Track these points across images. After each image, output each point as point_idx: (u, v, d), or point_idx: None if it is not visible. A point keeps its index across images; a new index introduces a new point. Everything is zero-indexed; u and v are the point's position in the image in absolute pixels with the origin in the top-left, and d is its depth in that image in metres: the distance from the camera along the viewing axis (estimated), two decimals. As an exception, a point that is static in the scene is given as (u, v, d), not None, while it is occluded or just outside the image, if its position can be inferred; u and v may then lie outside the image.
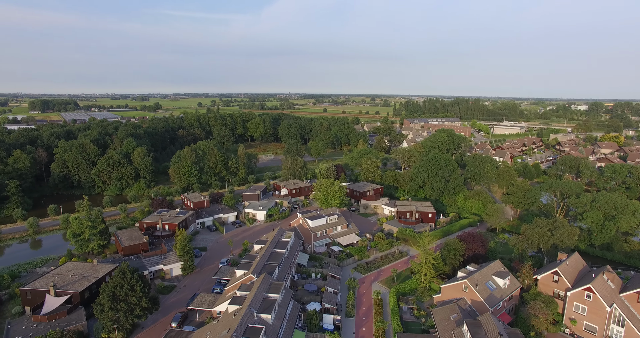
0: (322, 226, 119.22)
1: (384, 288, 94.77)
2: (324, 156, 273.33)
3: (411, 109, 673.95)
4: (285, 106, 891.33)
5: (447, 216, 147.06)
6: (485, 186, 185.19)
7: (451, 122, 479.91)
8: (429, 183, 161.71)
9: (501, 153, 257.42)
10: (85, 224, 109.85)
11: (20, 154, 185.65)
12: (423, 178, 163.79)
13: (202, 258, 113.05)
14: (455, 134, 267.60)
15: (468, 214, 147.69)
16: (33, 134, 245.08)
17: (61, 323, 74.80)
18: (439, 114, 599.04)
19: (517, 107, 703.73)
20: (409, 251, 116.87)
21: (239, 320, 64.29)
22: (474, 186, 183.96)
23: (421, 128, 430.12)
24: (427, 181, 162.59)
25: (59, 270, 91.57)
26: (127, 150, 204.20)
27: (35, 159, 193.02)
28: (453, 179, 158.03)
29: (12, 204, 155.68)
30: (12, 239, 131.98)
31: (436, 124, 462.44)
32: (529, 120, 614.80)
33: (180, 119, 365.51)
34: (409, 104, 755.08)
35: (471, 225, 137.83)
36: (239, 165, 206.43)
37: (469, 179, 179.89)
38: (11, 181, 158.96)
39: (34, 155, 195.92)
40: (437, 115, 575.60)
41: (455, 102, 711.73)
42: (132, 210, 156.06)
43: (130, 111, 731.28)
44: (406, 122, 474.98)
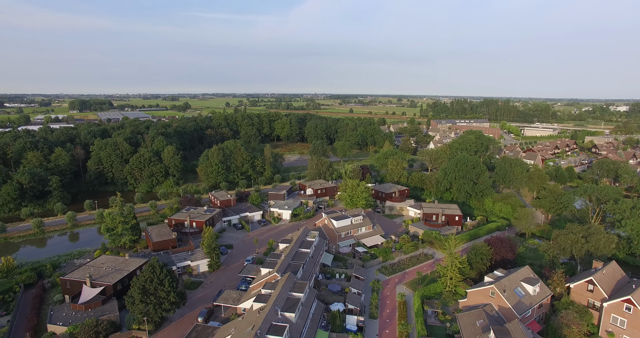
0: (346, 227, 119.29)
1: (409, 290, 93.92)
2: (349, 157, 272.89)
3: (438, 110, 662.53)
4: (312, 106, 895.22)
5: (474, 219, 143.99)
6: (514, 190, 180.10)
7: (479, 124, 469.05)
8: (455, 186, 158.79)
9: (532, 155, 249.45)
10: (118, 219, 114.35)
11: (61, 151, 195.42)
12: (450, 180, 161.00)
13: (228, 255, 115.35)
14: (484, 136, 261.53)
15: (496, 218, 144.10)
16: (72, 133, 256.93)
17: (96, 313, 78.53)
18: (467, 115, 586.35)
19: (549, 108, 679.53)
20: (434, 254, 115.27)
21: (263, 317, 65.34)
22: (503, 189, 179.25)
23: (448, 129, 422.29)
24: (454, 184, 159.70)
25: (94, 263, 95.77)
26: (157, 149, 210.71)
27: (73, 157, 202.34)
28: (481, 182, 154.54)
29: (53, 199, 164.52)
30: (53, 231, 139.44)
31: (464, 125, 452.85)
32: (563, 122, 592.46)
33: (208, 118, 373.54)
34: (436, 105, 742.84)
35: (499, 229, 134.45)
36: (265, 164, 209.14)
37: (497, 182, 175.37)
38: (53, 177, 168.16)
39: (73, 152, 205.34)
40: (465, 116, 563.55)
41: (484, 103, 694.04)
42: (162, 207, 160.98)
43: (161, 111, 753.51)
44: (433, 124, 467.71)
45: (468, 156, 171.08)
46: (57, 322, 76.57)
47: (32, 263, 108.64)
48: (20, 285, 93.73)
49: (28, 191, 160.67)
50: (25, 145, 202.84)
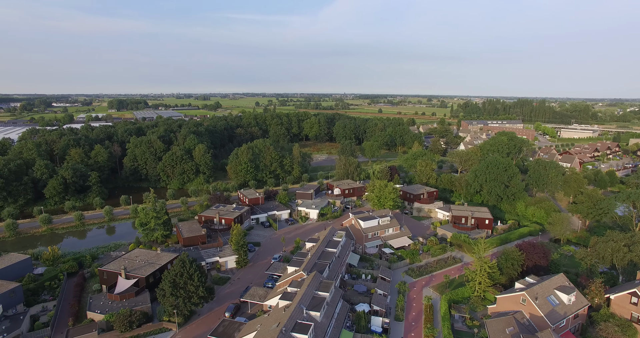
0: (373, 228, 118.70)
1: (436, 294, 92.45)
2: (378, 157, 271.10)
3: (469, 111, 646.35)
4: (340, 106, 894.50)
5: (506, 223, 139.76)
6: (549, 194, 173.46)
7: (513, 125, 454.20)
8: (486, 188, 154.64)
9: (569, 158, 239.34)
10: (151, 214, 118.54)
11: (100, 148, 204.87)
12: (480, 183, 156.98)
13: (256, 253, 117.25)
14: (517, 138, 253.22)
15: (529, 222, 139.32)
16: (110, 131, 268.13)
17: (130, 303, 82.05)
18: (499, 116, 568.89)
19: (589, 108, 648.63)
20: (462, 258, 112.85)
21: (289, 315, 66.10)
22: (536, 193, 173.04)
23: (480, 130, 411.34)
24: (484, 186, 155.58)
25: (128, 255, 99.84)
26: (189, 147, 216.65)
27: (111, 154, 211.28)
28: (513, 185, 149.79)
29: (93, 194, 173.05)
30: (92, 224, 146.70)
31: (496, 126, 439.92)
32: (604, 123, 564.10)
33: (238, 118, 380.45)
34: (467, 106, 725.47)
35: (532, 234, 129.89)
36: (293, 164, 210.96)
37: (530, 185, 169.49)
38: (93, 173, 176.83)
39: (111, 150, 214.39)
40: (497, 117, 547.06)
41: (518, 104, 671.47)
42: (192, 204, 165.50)
43: (193, 110, 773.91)
44: (464, 124, 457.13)
45: (500, 158, 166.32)
46: (95, 310, 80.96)
47: (73, 253, 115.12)
48: (64, 273, 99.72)
49: (71, 186, 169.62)
50: (69, 142, 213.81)
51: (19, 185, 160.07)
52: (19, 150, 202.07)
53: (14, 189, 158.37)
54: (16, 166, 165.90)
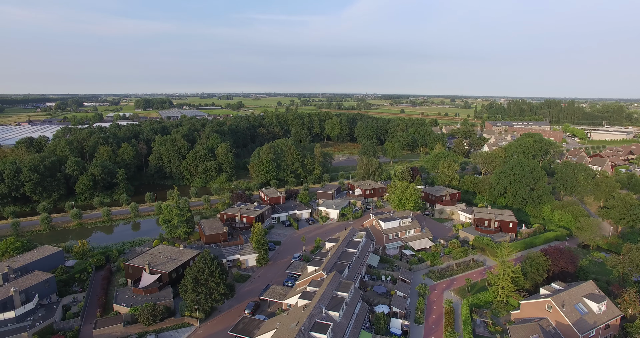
0: (394, 229, 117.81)
1: (457, 297, 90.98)
2: (399, 158, 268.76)
3: (494, 112, 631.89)
4: (362, 106, 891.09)
5: (530, 227, 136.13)
6: (577, 198, 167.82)
7: (539, 126, 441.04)
8: (510, 191, 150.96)
9: (599, 161, 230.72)
10: (174, 212, 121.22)
11: (127, 146, 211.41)
12: (504, 185, 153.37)
13: (276, 251, 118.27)
14: (544, 139, 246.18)
15: (555, 227, 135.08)
16: (136, 129, 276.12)
17: (153, 298, 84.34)
18: (525, 117, 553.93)
19: (623, 109, 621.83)
20: (485, 262, 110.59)
21: (308, 314, 66.44)
22: (564, 196, 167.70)
23: (504, 132, 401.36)
24: (508, 189, 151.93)
25: (152, 251, 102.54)
26: (212, 145, 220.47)
27: (137, 152, 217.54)
28: (539, 188, 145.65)
29: (119, 190, 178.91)
30: (119, 220, 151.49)
31: (522, 127, 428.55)
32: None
33: (260, 117, 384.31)
34: (492, 106, 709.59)
35: (558, 239, 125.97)
36: (314, 163, 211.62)
37: (557, 188, 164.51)
38: (120, 170, 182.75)
39: (137, 148, 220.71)
40: (523, 118, 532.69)
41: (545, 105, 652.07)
42: (214, 202, 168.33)
43: (216, 109, 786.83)
44: (488, 125, 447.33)
45: (525, 160, 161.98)
46: (121, 303, 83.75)
47: (101, 247, 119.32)
48: (93, 266, 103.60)
49: (99, 182, 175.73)
50: (98, 140, 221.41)
51: (52, 181, 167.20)
52: (53, 148, 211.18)
53: (49, 185, 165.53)
54: (50, 162, 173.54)
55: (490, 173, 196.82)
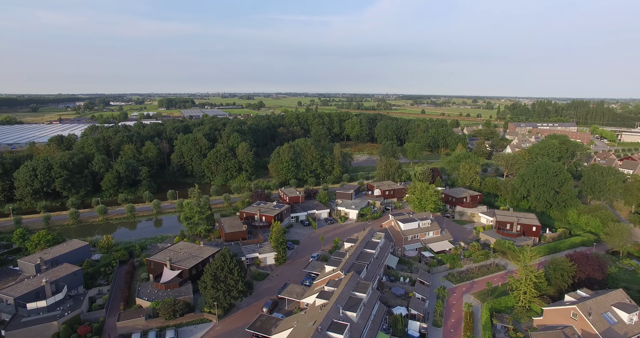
0: (413, 230, 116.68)
1: (477, 301, 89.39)
2: (419, 159, 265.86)
3: (517, 112, 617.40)
4: (383, 106, 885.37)
5: (555, 231, 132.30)
6: (606, 202, 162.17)
7: (565, 128, 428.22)
8: (534, 194, 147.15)
9: (631, 164, 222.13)
10: (195, 209, 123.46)
11: (150, 145, 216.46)
12: (528, 188, 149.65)
13: (295, 250, 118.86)
14: (570, 141, 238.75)
15: (581, 232, 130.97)
16: (159, 128, 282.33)
17: (174, 293, 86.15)
18: (550, 118, 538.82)
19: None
20: (506, 265, 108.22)
21: (325, 314, 66.56)
22: (591, 200, 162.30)
23: (528, 133, 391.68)
24: (532, 191, 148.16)
25: (173, 247, 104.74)
26: (232, 145, 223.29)
27: (160, 150, 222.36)
28: (564, 191, 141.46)
29: (143, 187, 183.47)
30: (142, 216, 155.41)
31: (546, 129, 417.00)
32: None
33: (280, 117, 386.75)
34: (515, 107, 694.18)
35: (585, 245, 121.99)
36: (334, 163, 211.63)
37: (584, 192, 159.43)
38: (143, 168, 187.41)
39: (159, 146, 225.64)
40: (548, 119, 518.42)
41: (572, 105, 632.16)
42: (234, 200, 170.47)
43: (237, 109, 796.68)
44: (511, 127, 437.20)
45: (550, 162, 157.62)
46: (143, 297, 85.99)
47: (125, 243, 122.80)
48: (117, 261, 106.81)
49: (124, 179, 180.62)
50: (123, 139, 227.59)
51: (80, 177, 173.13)
52: (81, 145, 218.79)
53: (77, 181, 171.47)
54: (79, 160, 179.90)
55: (513, 175, 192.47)
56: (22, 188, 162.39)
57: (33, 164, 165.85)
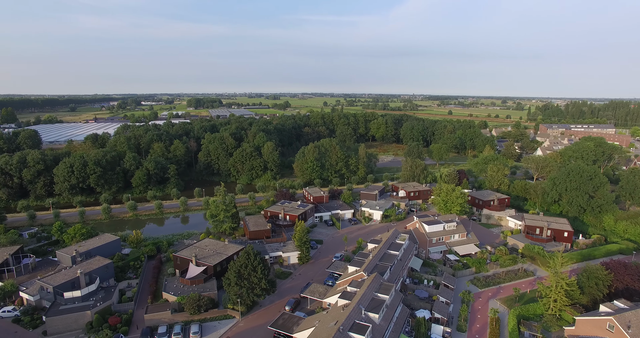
0: (438, 232, 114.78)
1: (503, 307, 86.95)
2: (445, 160, 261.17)
3: (549, 114, 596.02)
4: (409, 107, 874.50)
5: (589, 237, 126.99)
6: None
7: (602, 130, 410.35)
8: (566, 198, 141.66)
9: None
10: (221, 207, 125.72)
11: (178, 143, 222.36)
12: (559, 191, 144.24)
13: (318, 250, 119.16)
14: (607, 144, 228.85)
15: (619, 239, 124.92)
16: (188, 127, 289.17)
17: (199, 289, 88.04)
18: (585, 119, 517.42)
19: None
20: (535, 271, 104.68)
21: (347, 314, 66.41)
22: (630, 206, 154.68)
23: (561, 135, 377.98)
24: (564, 195, 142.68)
25: (199, 244, 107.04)
26: (258, 144, 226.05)
27: (188, 148, 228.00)
28: (600, 196, 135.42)
29: (171, 185, 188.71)
30: (169, 213, 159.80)
31: (581, 131, 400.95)
32: None
33: (306, 117, 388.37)
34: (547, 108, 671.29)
35: (623, 253, 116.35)
36: (359, 164, 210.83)
37: (622, 197, 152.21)
38: (171, 166, 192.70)
39: (187, 145, 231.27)
40: (583, 121, 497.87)
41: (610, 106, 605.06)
42: (259, 199, 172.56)
43: (263, 109, 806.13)
44: (542, 128, 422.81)
45: (584, 165, 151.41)
46: (169, 291, 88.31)
47: (153, 238, 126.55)
48: (145, 255, 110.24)
49: (153, 177, 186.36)
50: (152, 137, 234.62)
51: (113, 174, 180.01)
52: (113, 143, 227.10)
53: (109, 178, 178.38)
54: (111, 157, 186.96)
55: (544, 178, 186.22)
56: (60, 183, 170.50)
57: (70, 161, 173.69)
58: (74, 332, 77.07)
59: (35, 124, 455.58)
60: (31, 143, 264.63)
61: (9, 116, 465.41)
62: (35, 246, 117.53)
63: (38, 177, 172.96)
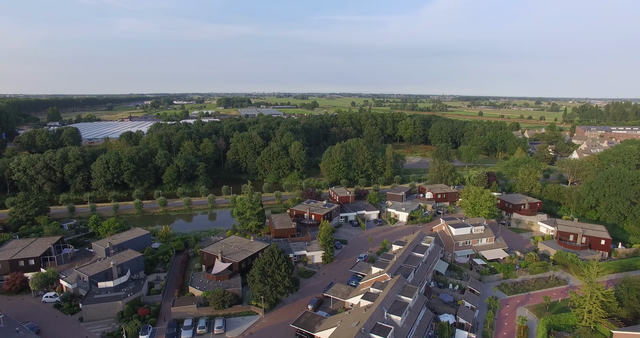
0: (465, 236, 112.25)
1: (532, 315, 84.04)
2: (475, 162, 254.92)
3: (587, 115, 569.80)
4: (438, 107, 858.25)
5: (629, 246, 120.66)
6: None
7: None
8: (604, 204, 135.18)
9: None
10: (247, 205, 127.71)
11: (208, 142, 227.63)
12: (597, 197, 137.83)
13: (342, 250, 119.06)
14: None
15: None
16: (217, 126, 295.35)
17: (224, 284, 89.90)
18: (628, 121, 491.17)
19: None
20: (568, 280, 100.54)
21: (369, 315, 66.07)
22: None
23: (600, 138, 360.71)
24: (602, 201, 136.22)
25: (225, 241, 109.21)
26: (285, 143, 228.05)
27: (216, 147, 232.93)
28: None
29: (199, 182, 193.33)
30: (197, 210, 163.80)
31: (623, 133, 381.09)
32: None
33: (333, 117, 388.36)
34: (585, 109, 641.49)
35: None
36: (385, 165, 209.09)
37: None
38: (200, 163, 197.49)
39: (216, 143, 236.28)
40: (625, 123, 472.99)
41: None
42: (285, 198, 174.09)
43: (291, 108, 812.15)
44: (579, 130, 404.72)
45: (626, 170, 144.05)
46: (195, 286, 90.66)
47: (181, 234, 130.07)
48: (173, 250, 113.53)
49: (183, 174, 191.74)
50: (183, 135, 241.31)
51: (145, 171, 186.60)
52: (146, 141, 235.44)
53: (142, 174, 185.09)
54: (144, 154, 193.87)
55: (579, 182, 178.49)
56: (97, 178, 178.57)
57: (106, 158, 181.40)
58: (106, 320, 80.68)
59: (77, 122, 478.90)
60: (72, 140, 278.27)
61: (54, 115, 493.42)
62: (73, 238, 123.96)
63: (77, 172, 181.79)
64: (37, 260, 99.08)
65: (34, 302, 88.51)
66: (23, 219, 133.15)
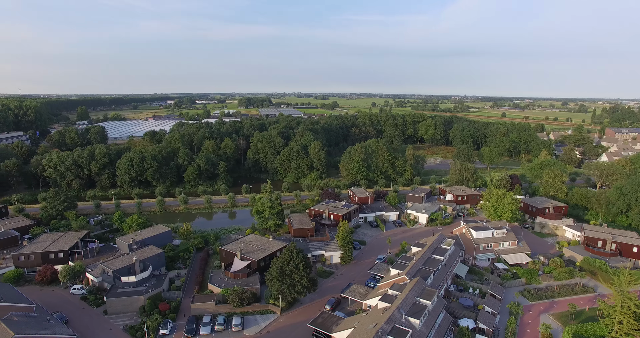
0: (486, 239, 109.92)
1: (556, 323, 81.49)
2: (497, 164, 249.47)
3: (618, 116, 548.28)
4: (460, 108, 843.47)
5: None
6: None
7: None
8: (636, 209, 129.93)
9: None
10: (267, 204, 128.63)
11: (228, 141, 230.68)
12: (628, 202, 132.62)
13: (361, 251, 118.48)
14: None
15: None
16: (238, 126, 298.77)
17: (242, 282, 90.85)
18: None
19: None
20: (596, 288, 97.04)
21: (387, 318, 65.47)
22: None
23: (632, 140, 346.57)
24: (633, 206, 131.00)
25: (244, 239, 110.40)
26: (305, 143, 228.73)
27: (237, 146, 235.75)
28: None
29: (220, 181, 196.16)
30: (217, 208, 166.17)
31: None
32: None
33: (354, 117, 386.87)
34: (616, 110, 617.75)
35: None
36: (405, 166, 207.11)
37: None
38: (221, 162, 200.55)
39: (237, 143, 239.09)
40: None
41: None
42: (304, 197, 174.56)
43: (311, 108, 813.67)
44: (609, 132, 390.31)
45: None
46: (214, 283, 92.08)
47: (202, 231, 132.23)
48: (194, 247, 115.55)
49: (204, 173, 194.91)
50: (204, 135, 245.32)
51: (167, 169, 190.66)
52: (169, 140, 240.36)
53: (164, 172, 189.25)
54: (166, 153, 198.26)
55: (609, 186, 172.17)
56: (121, 176, 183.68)
57: (130, 156, 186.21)
58: (129, 313, 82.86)
59: (103, 121, 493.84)
60: (99, 138, 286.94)
61: (83, 114, 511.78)
62: (99, 233, 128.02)
63: (103, 169, 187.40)
64: (66, 254, 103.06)
65: (62, 293, 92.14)
66: (53, 214, 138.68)
